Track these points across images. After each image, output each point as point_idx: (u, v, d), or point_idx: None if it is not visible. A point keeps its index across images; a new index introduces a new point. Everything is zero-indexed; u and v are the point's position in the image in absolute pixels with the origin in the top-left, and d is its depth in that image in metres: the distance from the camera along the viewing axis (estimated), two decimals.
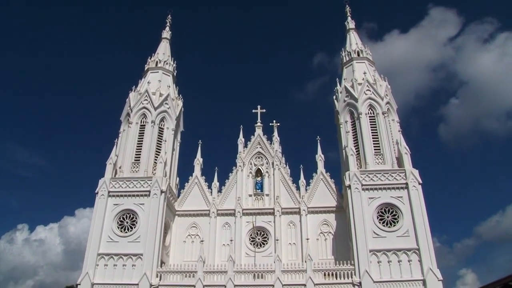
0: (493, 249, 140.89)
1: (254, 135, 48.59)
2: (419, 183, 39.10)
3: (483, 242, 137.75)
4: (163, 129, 46.15)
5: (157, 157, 43.69)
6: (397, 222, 38.19)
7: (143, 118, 45.91)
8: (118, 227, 40.19)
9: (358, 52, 48.72)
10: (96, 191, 41.44)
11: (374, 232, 37.76)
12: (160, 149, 44.41)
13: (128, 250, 38.67)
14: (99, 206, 40.67)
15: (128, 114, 46.19)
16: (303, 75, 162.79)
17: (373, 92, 44.62)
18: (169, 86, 48.40)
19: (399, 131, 43.09)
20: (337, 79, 48.03)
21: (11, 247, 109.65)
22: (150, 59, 50.91)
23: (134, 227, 39.89)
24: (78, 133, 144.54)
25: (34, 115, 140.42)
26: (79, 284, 37.66)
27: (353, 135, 43.68)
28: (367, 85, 44.94)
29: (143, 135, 45.00)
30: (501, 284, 45.73)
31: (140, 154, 44.07)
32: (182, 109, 49.81)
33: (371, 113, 44.07)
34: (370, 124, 43.50)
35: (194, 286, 36.92)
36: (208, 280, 37.46)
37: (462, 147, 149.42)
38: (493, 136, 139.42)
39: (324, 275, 37.31)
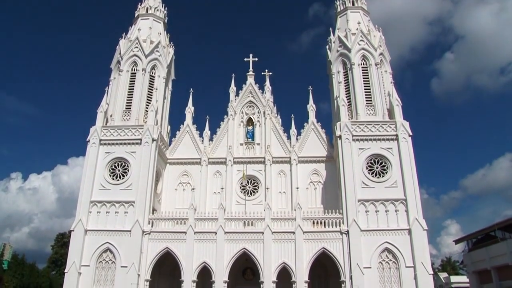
0: (477, 202, 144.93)
1: (245, 84, 48.17)
2: (409, 135, 39.40)
3: (468, 195, 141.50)
4: (154, 77, 45.55)
5: (148, 106, 43.39)
6: (386, 173, 38.78)
7: (133, 66, 45.17)
8: (110, 175, 40.49)
9: (352, 1, 47.56)
10: (87, 139, 41.38)
11: (363, 182, 38.39)
12: (151, 98, 44.02)
13: (120, 198, 39.19)
14: (91, 154, 40.76)
15: (119, 62, 45.40)
16: (298, 25, 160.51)
17: (366, 43, 44.03)
18: (160, 34, 47.28)
19: (391, 82, 42.87)
20: (330, 28, 47.19)
21: (6, 195, 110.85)
22: (140, 5, 49.23)
23: (126, 175, 40.21)
24: (69, 81, 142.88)
25: (22, 63, 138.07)
26: (73, 231, 38.38)
27: (345, 86, 43.52)
28: (361, 35, 44.26)
29: (134, 83, 44.44)
30: (483, 233, 47.51)
31: (131, 102, 43.71)
32: (174, 57, 48.92)
33: (363, 64, 43.68)
34: (363, 75, 43.20)
35: (186, 232, 37.74)
36: (199, 227, 38.28)
37: (453, 102, 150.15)
38: (485, 92, 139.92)
39: (313, 223, 38.24)
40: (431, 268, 36.81)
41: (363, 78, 43.12)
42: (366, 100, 42.25)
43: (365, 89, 42.64)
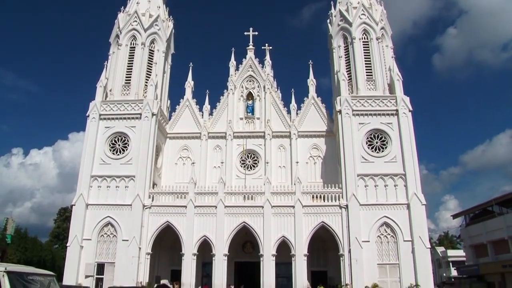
0: (476, 177, 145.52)
1: (246, 58, 47.81)
2: (409, 110, 39.37)
3: (467, 171, 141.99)
4: (153, 51, 45.18)
5: (147, 80, 43.17)
6: (386, 148, 38.87)
7: (132, 40, 44.77)
8: (110, 150, 40.59)
9: None
10: (87, 114, 41.34)
11: (363, 157, 38.53)
12: (150, 72, 43.76)
13: (120, 172, 39.39)
14: (91, 129, 40.78)
15: (117, 36, 44.93)
16: None
17: (368, 17, 43.53)
18: (159, 7, 46.67)
19: (392, 57, 42.56)
20: (332, 2, 46.59)
21: (8, 171, 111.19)
22: None
23: (126, 150, 40.31)
24: (68, 56, 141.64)
25: (20, 39, 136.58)
26: (74, 205, 38.71)
27: (345, 60, 43.25)
28: (362, 9, 43.74)
29: (133, 58, 44.11)
30: (480, 208, 47.87)
31: (130, 77, 43.47)
32: (173, 30, 48.43)
33: (364, 38, 43.28)
34: (364, 50, 42.87)
35: (186, 206, 38.06)
36: (199, 201, 38.58)
37: (454, 77, 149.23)
38: (486, 68, 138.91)
39: (312, 197, 38.53)
40: (429, 242, 37.30)
41: (364, 52, 42.80)
42: (367, 75, 42.04)
43: (365, 63, 42.38)
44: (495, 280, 41.24)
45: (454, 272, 57.31)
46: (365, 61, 42.44)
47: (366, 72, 42.09)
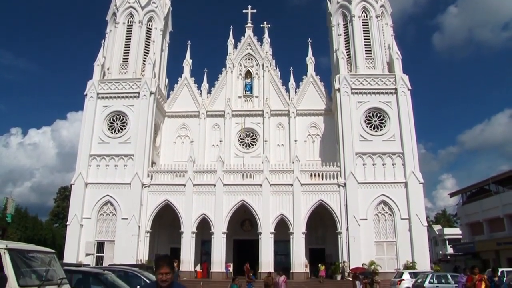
0: (474, 157, 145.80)
1: (244, 36, 47.40)
2: (408, 89, 39.27)
3: (465, 150, 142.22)
4: (151, 29, 44.72)
5: (145, 58, 42.83)
6: (384, 126, 38.88)
7: (130, 18, 44.22)
8: (109, 129, 40.55)
9: None
10: (85, 93, 41.15)
11: (361, 136, 38.56)
12: (148, 50, 43.40)
13: (119, 151, 39.43)
14: (89, 108, 40.66)
15: (114, 14, 44.36)
16: None
17: None
18: None
19: (392, 35, 42.20)
20: None
21: (7, 151, 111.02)
22: None
23: (125, 129, 40.27)
24: (64, 34, 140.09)
25: (17, 18, 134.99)
26: (73, 184, 38.84)
27: (345, 39, 42.91)
28: None
29: (130, 36, 43.70)
30: (477, 187, 48.13)
31: (128, 55, 43.14)
32: (170, 8, 47.87)
33: (364, 16, 42.87)
34: (363, 28, 42.51)
35: (185, 185, 38.21)
36: (198, 180, 38.72)
37: (454, 57, 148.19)
38: (486, 48, 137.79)
39: (311, 175, 38.67)
40: (426, 221, 37.62)
41: (363, 30, 42.46)
42: (366, 53, 41.77)
43: (365, 41, 42.07)
44: (490, 257, 41.75)
45: (450, 250, 57.79)
46: (365, 39, 42.12)
47: (365, 50, 41.81)
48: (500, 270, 27.64)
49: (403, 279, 26.59)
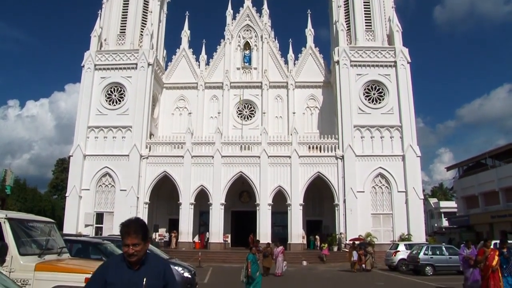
0: (472, 131, 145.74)
1: (243, 7, 46.79)
2: (408, 62, 39.06)
3: (463, 124, 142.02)
4: None
5: (143, 29, 42.34)
6: (383, 99, 38.81)
7: None
8: (106, 100, 40.41)
9: None
10: (82, 65, 40.84)
11: (359, 108, 38.53)
12: (146, 21, 42.80)
13: (117, 123, 39.38)
14: (86, 80, 40.42)
15: None
16: None
17: None
18: None
19: (392, 7, 41.57)
20: None
21: (5, 123, 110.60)
22: None
23: (122, 100, 40.13)
24: (60, 3, 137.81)
25: None
26: (72, 156, 38.92)
27: (345, 10, 42.38)
28: None
29: (127, 6, 43.08)
30: (474, 161, 48.33)
31: (125, 26, 42.65)
32: None
33: None
34: None
35: (183, 156, 38.30)
36: (196, 151, 38.81)
37: (455, 30, 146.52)
38: (487, 21, 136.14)
39: (309, 148, 38.77)
40: (422, 194, 37.91)
41: (364, 2, 41.94)
42: (366, 25, 41.36)
43: (365, 13, 41.58)
44: (484, 230, 42.29)
45: (445, 223, 58.45)
46: (365, 11, 41.63)
47: (365, 23, 41.39)
48: (493, 242, 28.10)
49: (399, 251, 26.93)
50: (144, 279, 3.57)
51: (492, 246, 13.01)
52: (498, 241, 26.26)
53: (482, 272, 12.55)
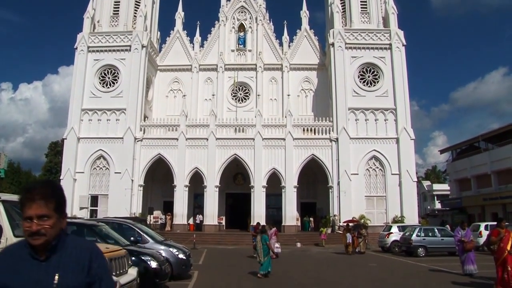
0: (465, 114, 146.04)
1: None
2: (403, 45, 38.94)
3: (457, 107, 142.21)
4: None
5: (136, 11, 41.86)
6: (378, 82, 38.79)
7: None
8: (100, 83, 40.13)
9: None
10: (75, 47, 40.43)
11: (354, 91, 38.50)
12: (139, 2, 42.30)
13: (111, 105, 39.17)
14: (79, 62, 40.05)
15: None
16: None
17: None
18: None
19: None
20: None
21: None
22: None
23: (116, 83, 39.87)
24: None
25: None
26: (66, 139, 38.77)
27: None
28: None
29: None
30: (467, 144, 48.60)
31: (118, 8, 42.12)
32: None
33: None
34: None
35: (177, 139, 38.27)
36: (191, 133, 38.76)
37: (451, 13, 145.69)
38: (484, 5, 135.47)
39: (303, 130, 38.81)
40: (415, 176, 38.14)
41: None
42: (361, 7, 41.08)
43: None
44: (475, 212, 42.74)
45: (438, 205, 58.95)
46: None
47: (361, 5, 41.11)
48: (484, 224, 28.41)
49: (392, 232, 27.17)
50: (56, 275, 2.24)
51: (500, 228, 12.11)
52: (488, 223, 26.66)
53: (495, 254, 11.40)
